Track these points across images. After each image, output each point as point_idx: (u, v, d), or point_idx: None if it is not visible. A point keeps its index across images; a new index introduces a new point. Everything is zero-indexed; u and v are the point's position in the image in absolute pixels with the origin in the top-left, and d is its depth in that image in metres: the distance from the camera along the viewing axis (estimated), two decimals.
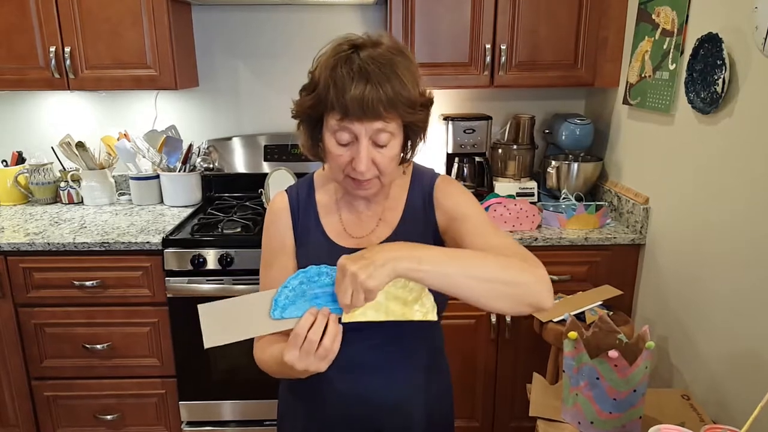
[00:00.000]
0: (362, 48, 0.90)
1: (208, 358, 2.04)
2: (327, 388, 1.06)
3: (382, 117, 0.88)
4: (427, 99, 0.96)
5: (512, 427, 2.18)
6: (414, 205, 1.07)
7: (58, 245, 1.92)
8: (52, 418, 2.11)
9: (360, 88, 0.86)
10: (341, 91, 0.87)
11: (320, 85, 0.90)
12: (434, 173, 1.11)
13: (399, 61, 0.90)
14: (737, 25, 1.45)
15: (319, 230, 1.06)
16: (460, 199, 1.05)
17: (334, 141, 0.92)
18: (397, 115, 0.90)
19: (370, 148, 0.92)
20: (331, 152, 0.94)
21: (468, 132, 2.30)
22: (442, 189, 1.07)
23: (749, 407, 1.03)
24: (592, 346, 1.28)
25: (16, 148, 2.51)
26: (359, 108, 0.86)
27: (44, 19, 2.04)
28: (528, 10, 2.08)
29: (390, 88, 0.87)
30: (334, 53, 0.91)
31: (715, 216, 1.56)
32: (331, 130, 0.92)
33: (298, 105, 0.96)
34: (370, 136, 0.91)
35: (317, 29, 2.43)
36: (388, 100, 0.87)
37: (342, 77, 0.87)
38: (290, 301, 0.85)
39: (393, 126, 0.91)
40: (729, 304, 1.50)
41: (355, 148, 0.91)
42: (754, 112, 1.40)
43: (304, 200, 1.08)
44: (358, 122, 0.89)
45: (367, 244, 1.04)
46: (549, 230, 2.03)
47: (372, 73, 0.86)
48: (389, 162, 0.94)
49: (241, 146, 2.46)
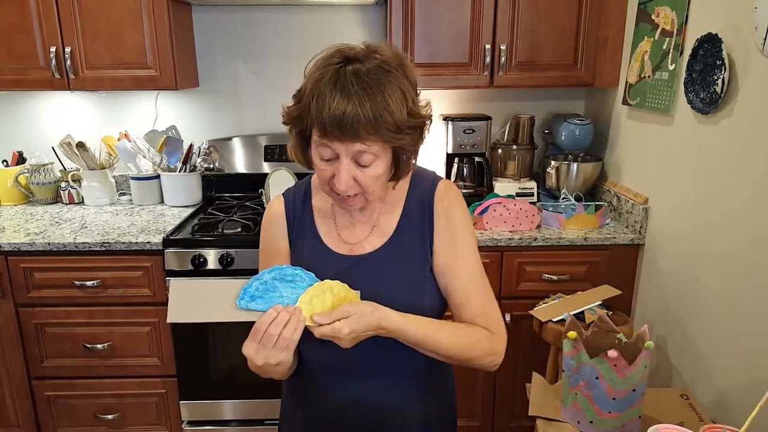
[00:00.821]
0: (353, 62, 0.86)
1: (209, 357, 2.04)
2: (327, 391, 1.06)
3: (362, 139, 0.84)
4: (419, 121, 0.90)
5: (512, 426, 2.18)
6: (411, 212, 1.03)
7: (59, 245, 1.92)
8: (53, 417, 2.12)
9: (340, 108, 0.82)
10: (320, 108, 0.84)
11: (304, 97, 0.88)
12: (435, 177, 1.07)
13: (389, 80, 0.85)
14: (737, 25, 1.45)
15: (313, 235, 1.05)
16: (457, 217, 1.03)
17: (318, 155, 0.91)
18: (379, 139, 0.86)
19: (352, 167, 0.88)
20: (316, 165, 0.93)
21: (468, 132, 2.31)
22: (443, 205, 1.03)
23: (748, 407, 1.03)
24: (592, 346, 1.29)
25: (16, 148, 2.51)
26: (337, 128, 0.83)
27: (44, 19, 2.05)
28: (528, 10, 2.08)
29: (371, 110, 0.83)
30: (323, 64, 0.88)
31: (715, 216, 1.56)
32: (315, 143, 0.90)
33: (286, 113, 0.94)
34: (352, 156, 0.87)
35: (317, 29, 2.43)
36: (369, 122, 0.83)
37: (323, 93, 0.84)
38: (259, 293, 0.86)
39: (376, 148, 0.87)
40: (728, 304, 1.50)
41: (337, 165, 0.88)
42: (753, 112, 1.40)
43: (300, 204, 1.07)
44: (337, 141, 0.85)
45: (360, 251, 1.02)
46: (548, 230, 2.04)
47: (354, 93, 0.82)
48: (373, 181, 0.91)
49: (242, 146, 2.47)
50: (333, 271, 0.96)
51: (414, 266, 1.01)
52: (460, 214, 1.03)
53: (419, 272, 1.01)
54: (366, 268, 1.00)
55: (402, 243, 1.02)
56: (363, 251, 1.02)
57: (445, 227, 1.02)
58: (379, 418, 1.05)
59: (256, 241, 1.94)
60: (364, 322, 0.86)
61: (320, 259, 1.02)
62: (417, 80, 0.92)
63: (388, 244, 1.02)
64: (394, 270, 1.00)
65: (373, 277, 0.99)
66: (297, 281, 0.88)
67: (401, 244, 1.02)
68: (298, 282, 0.88)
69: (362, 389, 1.04)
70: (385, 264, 1.01)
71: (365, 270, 1.00)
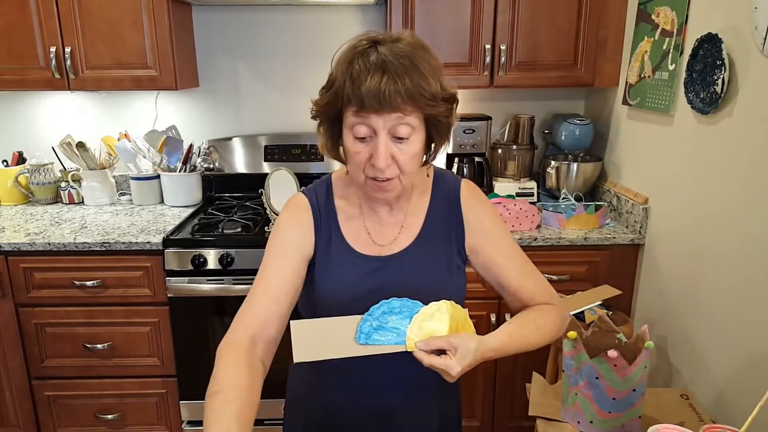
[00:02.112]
0: (381, 43, 0.88)
1: (209, 357, 2.04)
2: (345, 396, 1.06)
3: (400, 108, 0.86)
4: (450, 94, 0.93)
5: (512, 426, 2.18)
6: (437, 211, 1.05)
7: (59, 245, 1.92)
8: (53, 417, 2.12)
9: (376, 79, 0.84)
10: (357, 83, 0.85)
11: (337, 80, 0.88)
12: (456, 178, 1.09)
13: (420, 54, 0.88)
14: (737, 25, 1.45)
15: (339, 238, 1.03)
16: (488, 216, 1.07)
17: (352, 137, 0.90)
18: (416, 108, 0.87)
19: (389, 143, 0.89)
20: (350, 150, 0.91)
21: (468, 132, 2.31)
22: (471, 203, 1.06)
23: (748, 407, 1.03)
24: (592, 346, 1.29)
25: (16, 148, 2.51)
26: (375, 99, 0.84)
27: (44, 19, 2.05)
28: (528, 10, 2.08)
29: (408, 80, 0.85)
30: (351, 49, 0.89)
31: (715, 216, 1.56)
32: (348, 126, 0.90)
33: (316, 104, 0.94)
34: (389, 130, 0.88)
35: (317, 29, 2.43)
36: (406, 91, 0.85)
37: (358, 70, 0.85)
38: (374, 329, 0.91)
39: (412, 119, 0.88)
40: (728, 304, 1.50)
41: (374, 143, 0.88)
42: (753, 112, 1.40)
43: (323, 204, 1.04)
44: (375, 114, 0.86)
45: (390, 252, 1.03)
46: (548, 230, 2.04)
47: (389, 64, 0.85)
48: (410, 159, 0.91)
49: (242, 146, 2.47)
50: (361, 273, 1.00)
51: (441, 262, 1.04)
52: (487, 210, 1.07)
53: (446, 268, 1.04)
54: (396, 267, 1.02)
55: (429, 241, 1.04)
56: (392, 252, 1.03)
57: (478, 224, 1.05)
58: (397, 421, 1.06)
59: (256, 241, 1.96)
60: (470, 358, 0.89)
61: (348, 262, 1.01)
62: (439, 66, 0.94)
63: (416, 242, 1.03)
64: (422, 267, 1.02)
65: (403, 274, 1.01)
66: (404, 311, 0.92)
67: (429, 241, 1.03)
68: (405, 311, 0.92)
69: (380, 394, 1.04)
70: (414, 262, 1.02)
71: (395, 268, 1.01)
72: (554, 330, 1.03)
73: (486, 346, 0.91)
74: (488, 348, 0.91)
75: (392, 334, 0.90)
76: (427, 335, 0.90)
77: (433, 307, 0.92)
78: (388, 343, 0.90)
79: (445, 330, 0.91)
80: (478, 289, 1.91)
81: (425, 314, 0.91)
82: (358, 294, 0.97)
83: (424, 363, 0.88)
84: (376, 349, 0.90)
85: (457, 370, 0.87)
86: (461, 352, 0.87)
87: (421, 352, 0.88)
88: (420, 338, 0.90)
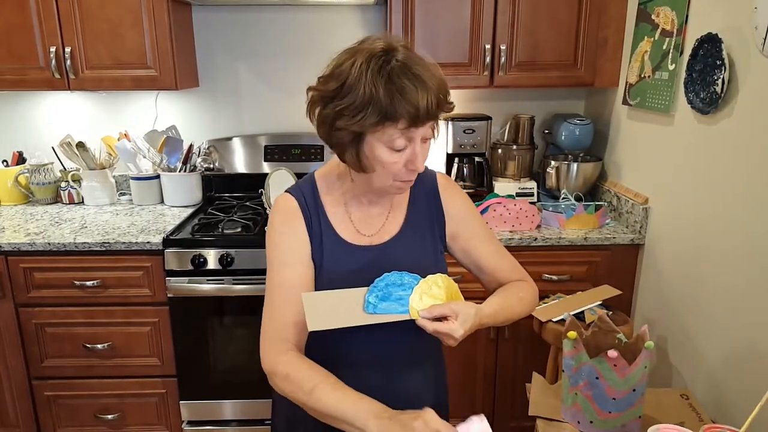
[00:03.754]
0: (392, 52, 0.91)
1: (209, 357, 2.04)
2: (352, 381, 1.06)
3: (437, 117, 0.94)
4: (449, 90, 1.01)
5: (512, 426, 2.18)
6: (418, 201, 1.13)
7: (59, 245, 1.92)
8: (53, 417, 2.12)
9: (424, 95, 0.89)
10: (409, 100, 0.88)
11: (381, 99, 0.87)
12: (430, 171, 1.16)
13: (437, 68, 0.94)
14: (737, 25, 1.45)
15: (330, 232, 1.07)
16: (464, 203, 1.17)
17: (388, 150, 0.93)
18: (442, 113, 0.95)
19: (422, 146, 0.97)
20: (385, 161, 0.94)
21: (468, 132, 2.30)
22: (448, 193, 1.15)
23: (748, 407, 1.03)
24: (592, 346, 1.29)
25: (16, 148, 2.51)
26: (426, 114, 0.90)
27: (44, 19, 2.05)
28: (528, 10, 2.08)
29: (439, 90, 0.92)
30: (377, 66, 0.88)
31: (715, 216, 1.56)
32: (386, 140, 0.92)
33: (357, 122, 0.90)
34: (422, 136, 0.95)
35: (317, 29, 2.43)
36: (441, 101, 0.92)
37: (405, 86, 0.88)
38: (380, 299, 0.97)
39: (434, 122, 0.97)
40: (728, 304, 1.50)
41: (409, 151, 0.95)
42: (753, 112, 1.40)
43: (311, 201, 1.08)
44: (421, 126, 0.92)
45: (379, 240, 1.08)
46: (548, 230, 2.04)
47: (424, 77, 0.90)
48: (427, 156, 1.00)
49: (242, 146, 2.47)
50: (355, 263, 1.05)
51: (427, 247, 1.12)
52: (463, 197, 1.18)
53: (431, 254, 1.12)
54: (387, 254, 1.07)
55: (414, 228, 1.11)
56: (382, 240, 1.09)
57: (456, 212, 1.15)
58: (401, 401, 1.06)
59: (256, 241, 1.96)
60: (471, 322, 0.96)
61: (342, 254, 1.06)
62: None
63: (403, 229, 1.10)
64: (411, 253, 1.09)
65: (394, 261, 1.04)
66: (405, 283, 0.99)
67: (414, 229, 1.11)
68: (406, 284, 0.98)
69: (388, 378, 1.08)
70: (403, 248, 1.09)
71: (387, 256, 1.07)
72: (533, 302, 1.15)
73: (483, 311, 1.00)
74: (485, 314, 1.00)
75: (396, 304, 0.97)
76: (428, 305, 0.97)
77: (431, 279, 0.99)
78: (394, 312, 0.96)
79: (442, 299, 0.98)
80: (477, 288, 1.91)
81: (425, 286, 0.98)
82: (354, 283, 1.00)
83: (429, 329, 0.94)
84: (383, 318, 0.96)
85: (460, 332, 0.93)
86: (462, 316, 0.94)
87: (425, 320, 0.94)
88: (422, 307, 0.96)
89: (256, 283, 1.94)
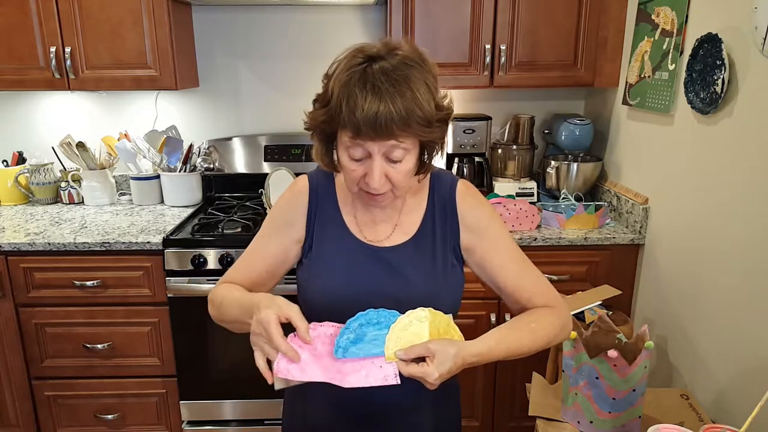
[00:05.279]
0: (377, 59, 0.87)
1: (209, 357, 2.04)
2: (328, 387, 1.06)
3: (395, 136, 0.86)
4: (445, 113, 0.93)
5: (512, 426, 2.18)
6: (434, 212, 1.05)
7: (59, 245, 1.92)
8: (53, 417, 2.12)
9: (373, 107, 0.83)
10: (353, 109, 0.84)
11: (333, 100, 0.88)
12: (453, 177, 1.09)
13: (415, 75, 0.87)
14: (737, 25, 1.46)
15: (338, 221, 1.05)
16: (484, 214, 1.06)
17: (347, 156, 0.91)
18: (411, 134, 0.88)
19: (384, 164, 0.90)
20: (345, 166, 0.93)
21: (468, 132, 2.31)
22: (467, 202, 1.06)
23: (748, 407, 1.03)
24: (592, 346, 1.29)
25: (16, 149, 2.51)
26: (371, 128, 0.84)
27: (44, 19, 2.05)
28: (528, 10, 2.08)
29: (403, 107, 0.84)
30: (347, 67, 0.88)
31: (715, 216, 1.56)
32: (344, 146, 0.91)
33: (311, 118, 0.94)
34: (384, 153, 0.89)
35: (317, 29, 2.43)
36: (401, 119, 0.84)
37: (354, 95, 0.84)
38: (351, 342, 0.89)
39: (407, 143, 0.89)
40: (728, 304, 1.50)
41: (369, 164, 0.90)
42: (753, 112, 1.40)
43: (324, 189, 1.07)
44: (370, 140, 0.87)
45: (383, 245, 1.04)
46: (548, 230, 2.04)
47: (385, 91, 0.84)
48: (403, 177, 0.93)
49: (242, 146, 2.47)
50: (356, 256, 1.02)
51: (437, 262, 1.03)
52: (484, 208, 1.07)
53: (441, 268, 1.03)
54: (390, 260, 1.02)
55: (425, 240, 1.04)
56: (385, 245, 1.04)
57: (474, 223, 1.05)
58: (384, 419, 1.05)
59: None
60: (449, 365, 0.86)
61: (347, 246, 1.04)
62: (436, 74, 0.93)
63: (411, 240, 1.04)
64: (416, 264, 1.03)
65: (396, 269, 1.01)
66: (382, 321, 0.90)
67: (425, 241, 1.04)
68: (383, 322, 0.90)
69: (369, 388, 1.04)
70: (407, 258, 1.03)
71: (389, 262, 1.02)
72: (552, 334, 1.00)
73: (467, 350, 0.89)
74: (470, 353, 0.89)
75: (371, 345, 0.88)
76: (406, 344, 0.87)
77: (411, 315, 0.90)
78: (368, 354, 0.88)
79: (425, 337, 0.89)
80: (478, 289, 1.91)
81: (403, 323, 0.89)
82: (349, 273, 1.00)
83: (403, 372, 0.86)
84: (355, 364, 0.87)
85: (434, 376, 0.84)
86: (440, 357, 0.85)
87: (401, 362, 0.86)
88: (400, 347, 0.87)
89: None
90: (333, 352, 0.88)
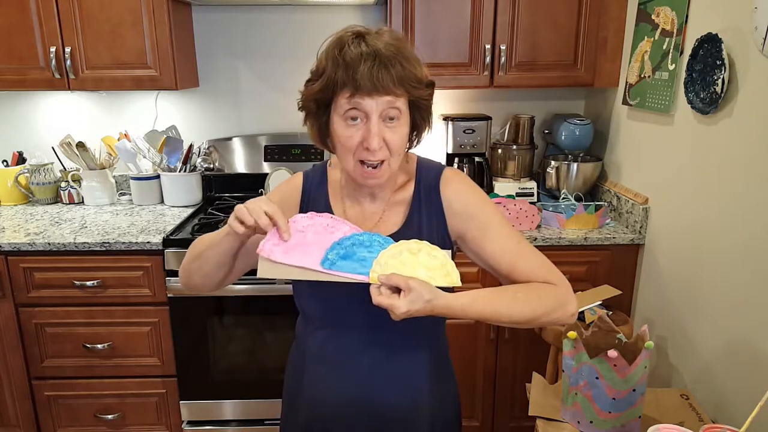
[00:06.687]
0: (367, 35, 0.93)
1: (209, 357, 2.04)
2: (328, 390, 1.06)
3: (392, 92, 0.91)
4: (430, 81, 0.99)
5: (512, 426, 2.18)
6: (419, 203, 1.05)
7: (59, 245, 1.92)
8: (53, 417, 2.12)
9: (369, 64, 0.89)
10: (352, 67, 0.89)
11: (328, 67, 0.92)
12: (440, 166, 1.09)
13: (404, 44, 0.94)
14: (737, 25, 1.46)
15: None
16: (470, 198, 1.05)
17: (343, 122, 0.93)
18: (405, 91, 0.92)
19: (381, 125, 0.93)
20: (341, 135, 0.94)
21: (468, 132, 2.31)
22: (452, 188, 1.05)
23: (748, 407, 1.03)
24: (592, 346, 1.29)
25: (16, 149, 2.51)
26: (370, 82, 0.88)
27: (44, 19, 2.05)
28: (528, 10, 2.08)
29: (399, 67, 0.90)
30: (339, 40, 0.93)
31: (715, 216, 1.56)
32: (340, 112, 0.93)
33: (305, 94, 0.97)
34: (380, 113, 0.92)
35: (317, 29, 2.43)
36: (397, 75, 0.90)
37: (351, 56, 0.89)
38: (340, 257, 0.91)
39: (401, 102, 0.93)
40: (728, 304, 1.50)
41: (366, 127, 0.92)
42: (753, 112, 1.40)
43: (315, 188, 1.09)
44: (368, 97, 0.90)
45: None
46: (548, 230, 2.04)
47: (380, 52, 0.90)
48: (400, 140, 0.95)
49: (242, 146, 2.47)
50: None
51: None
52: (471, 192, 1.06)
53: None
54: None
55: (411, 232, 1.03)
56: None
57: (461, 209, 1.04)
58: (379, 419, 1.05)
59: None
60: (419, 306, 0.87)
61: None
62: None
63: (398, 232, 1.03)
64: None
65: None
66: (374, 246, 0.91)
67: (410, 233, 1.02)
68: (375, 246, 0.91)
69: (365, 389, 1.04)
70: None
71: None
72: (540, 308, 0.96)
73: (441, 300, 0.89)
74: (442, 304, 0.90)
75: (358, 264, 0.90)
76: (391, 271, 0.89)
77: (403, 245, 0.91)
78: (353, 272, 0.90)
79: (413, 268, 0.90)
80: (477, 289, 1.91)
81: (393, 251, 0.90)
82: None
83: (373, 299, 0.87)
84: (339, 277, 0.90)
85: (402, 310, 0.86)
86: (413, 296, 0.86)
87: (374, 287, 0.88)
88: (384, 273, 0.88)
89: (256, 283, 1.94)
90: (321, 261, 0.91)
